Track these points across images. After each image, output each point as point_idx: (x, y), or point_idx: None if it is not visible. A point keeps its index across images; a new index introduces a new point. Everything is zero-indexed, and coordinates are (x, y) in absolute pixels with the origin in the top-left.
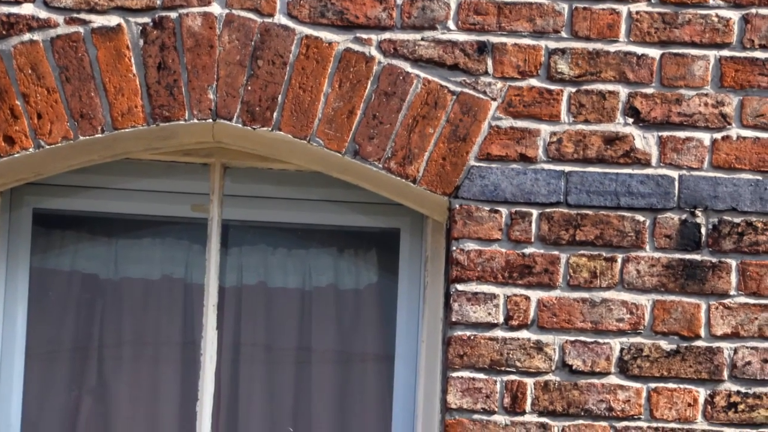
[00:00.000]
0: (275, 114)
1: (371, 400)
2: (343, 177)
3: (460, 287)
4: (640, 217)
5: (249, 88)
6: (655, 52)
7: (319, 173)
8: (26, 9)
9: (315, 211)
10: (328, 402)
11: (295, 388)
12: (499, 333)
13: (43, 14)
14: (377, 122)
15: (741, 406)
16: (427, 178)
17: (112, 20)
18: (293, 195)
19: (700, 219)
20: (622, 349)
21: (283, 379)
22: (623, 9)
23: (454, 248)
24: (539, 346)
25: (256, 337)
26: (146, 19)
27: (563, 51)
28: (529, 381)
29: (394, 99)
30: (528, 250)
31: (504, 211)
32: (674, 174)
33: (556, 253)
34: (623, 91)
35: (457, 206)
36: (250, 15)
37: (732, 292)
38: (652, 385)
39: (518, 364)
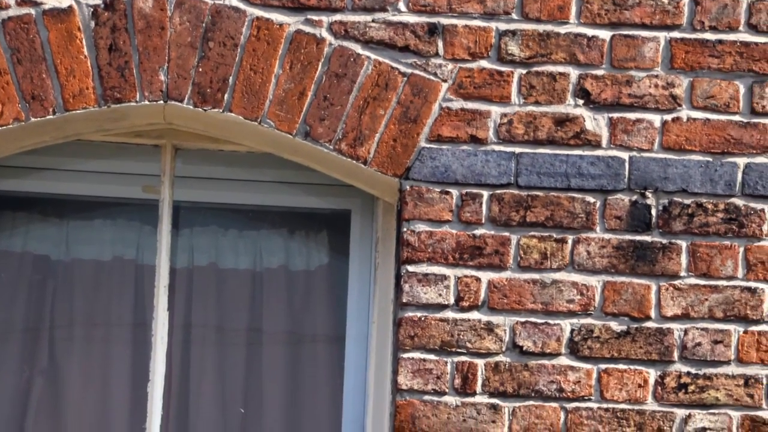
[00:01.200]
0: (226, 95)
1: (322, 381)
2: (294, 158)
3: (410, 268)
4: (590, 199)
5: (200, 69)
6: (605, 34)
7: (270, 155)
8: None
9: (266, 193)
10: (279, 383)
11: (246, 368)
12: (449, 314)
13: None
14: (328, 104)
15: (691, 387)
16: (377, 159)
17: (64, 2)
18: (244, 176)
19: (651, 200)
20: (572, 331)
21: (234, 359)
22: None
23: (405, 230)
24: (490, 328)
25: (207, 318)
26: (97, 1)
27: (514, 33)
28: (480, 362)
29: (345, 80)
30: (478, 232)
31: (455, 192)
32: (624, 155)
33: (506, 234)
34: (574, 73)
35: (408, 188)
36: None
37: (682, 274)
38: (603, 366)
39: (469, 345)
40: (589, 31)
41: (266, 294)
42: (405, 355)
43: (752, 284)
